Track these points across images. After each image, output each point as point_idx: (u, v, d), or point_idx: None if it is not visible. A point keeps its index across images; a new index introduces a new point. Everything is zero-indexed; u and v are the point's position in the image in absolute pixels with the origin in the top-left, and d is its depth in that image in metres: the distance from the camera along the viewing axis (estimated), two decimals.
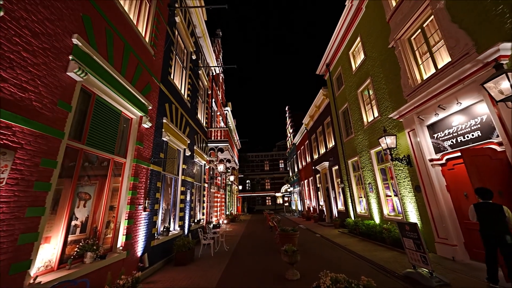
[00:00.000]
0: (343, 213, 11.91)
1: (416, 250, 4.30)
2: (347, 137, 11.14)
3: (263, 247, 8.01)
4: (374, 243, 7.56)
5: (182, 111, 7.82)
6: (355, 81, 9.93)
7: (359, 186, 10.28)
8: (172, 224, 6.88)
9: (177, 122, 7.29)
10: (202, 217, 10.17)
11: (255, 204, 42.73)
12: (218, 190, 14.35)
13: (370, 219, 8.94)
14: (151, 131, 5.45)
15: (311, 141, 17.99)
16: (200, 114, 11.04)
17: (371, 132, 8.72)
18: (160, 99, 6.03)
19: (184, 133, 7.95)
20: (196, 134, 9.57)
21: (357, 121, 9.97)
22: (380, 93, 8.03)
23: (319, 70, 14.14)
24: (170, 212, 6.83)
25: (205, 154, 10.90)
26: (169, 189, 6.88)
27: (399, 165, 7.03)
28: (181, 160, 7.74)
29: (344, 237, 9.13)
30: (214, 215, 13.21)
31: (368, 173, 9.04)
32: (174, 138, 6.77)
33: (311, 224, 14.66)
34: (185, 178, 7.87)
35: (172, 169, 7.02)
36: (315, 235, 10.40)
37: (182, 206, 7.48)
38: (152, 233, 5.28)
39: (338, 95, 12.04)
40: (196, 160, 9.35)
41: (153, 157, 5.46)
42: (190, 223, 8.27)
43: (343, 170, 11.62)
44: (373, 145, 8.58)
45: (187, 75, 8.86)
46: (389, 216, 7.83)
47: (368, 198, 9.14)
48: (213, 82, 13.73)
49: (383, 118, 7.89)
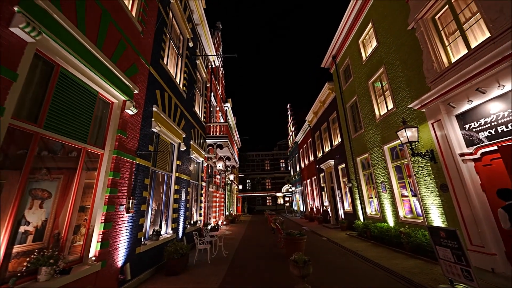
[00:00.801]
0: (350, 215, 11.13)
1: (455, 262, 3.53)
2: (356, 133, 10.37)
3: (266, 252, 7.24)
4: (390, 249, 6.79)
5: (176, 101, 7.06)
6: (366, 71, 9.16)
7: (369, 186, 9.51)
8: (164, 227, 6.11)
9: (171, 112, 6.53)
10: (199, 218, 9.41)
11: (256, 204, 41.95)
12: (217, 190, 13.59)
13: (382, 221, 8.17)
14: (138, 119, 4.68)
15: (315, 138, 17.21)
16: (198, 108, 10.27)
17: (385, 126, 7.95)
18: (150, 85, 5.27)
19: (179, 125, 7.19)
20: (193, 128, 8.81)
21: (367, 115, 9.19)
22: (395, 82, 7.25)
23: (324, 63, 13.37)
24: (162, 213, 6.06)
25: (203, 150, 10.14)
26: (161, 187, 6.12)
27: (419, 161, 6.26)
28: (175, 155, 6.98)
29: (353, 241, 8.36)
30: (213, 216, 12.44)
31: (381, 171, 8.26)
32: (167, 130, 6.01)
33: (315, 225, 13.89)
34: (180, 175, 7.11)
35: (164, 165, 6.26)
36: (321, 238, 9.63)
37: (176, 207, 6.71)
38: (138, 238, 4.52)
39: (345, 88, 11.27)
40: (193, 156, 8.59)
41: (140, 150, 4.70)
42: (186, 225, 7.51)
43: (350, 169, 10.84)
44: (387, 140, 7.80)
45: (183, 63, 8.11)
46: (405, 219, 7.06)
47: (380, 199, 8.36)
48: (212, 75, 12.98)
49: (399, 110, 7.12)
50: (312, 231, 11.80)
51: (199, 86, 10.65)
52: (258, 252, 7.22)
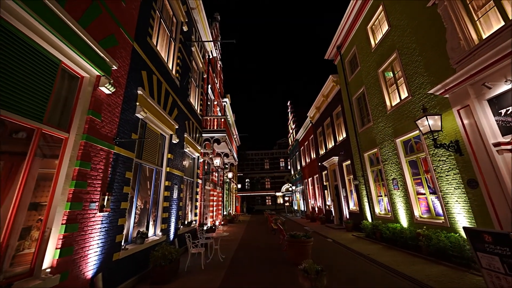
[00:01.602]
0: (356, 214, 10.44)
1: (506, 273, 2.82)
2: (363, 126, 9.67)
3: (266, 256, 6.53)
4: (405, 252, 6.10)
5: (168, 88, 6.33)
6: (375, 59, 8.46)
7: (378, 183, 8.82)
8: (151, 228, 5.39)
9: (160, 98, 5.79)
10: (194, 218, 8.69)
11: (255, 204, 41.24)
12: (215, 188, 12.86)
13: (394, 221, 7.47)
14: (117, 101, 3.95)
15: (317, 135, 16.51)
16: (193, 99, 9.54)
17: (397, 117, 7.25)
18: (134, 63, 4.54)
19: (171, 115, 6.46)
20: (187, 120, 8.08)
21: (376, 106, 8.50)
22: (411, 68, 6.55)
23: (328, 54, 12.67)
24: (149, 212, 5.33)
25: (199, 145, 9.41)
26: (148, 183, 5.39)
27: (440, 154, 5.57)
28: (166, 148, 6.25)
29: (362, 243, 7.66)
30: (210, 216, 11.71)
31: (392, 166, 7.57)
32: (155, 117, 5.28)
33: (318, 226, 13.20)
34: (172, 170, 6.38)
35: (153, 158, 5.53)
36: (326, 239, 8.93)
37: (167, 205, 5.99)
38: (117, 242, 3.79)
39: (351, 79, 10.57)
40: (187, 150, 7.86)
41: (120, 137, 3.97)
42: (178, 225, 6.78)
43: (357, 165, 10.15)
44: (400, 133, 7.11)
45: (176, 48, 7.37)
46: (422, 219, 6.37)
47: (391, 197, 7.67)
48: (210, 66, 12.24)
49: (415, 99, 6.42)
50: (315, 231, 11.09)
51: (195, 76, 9.92)
52: (258, 256, 6.51)
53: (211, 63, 12.91)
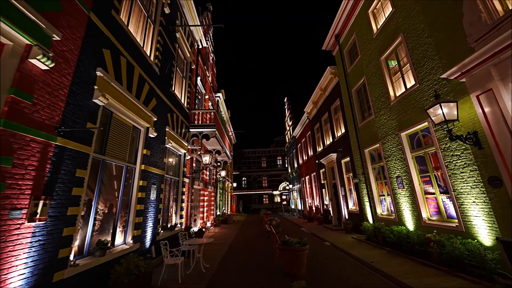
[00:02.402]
0: (356, 215, 9.75)
1: None
2: (363, 120, 8.95)
3: (259, 264, 5.80)
4: (412, 260, 5.40)
5: (143, 74, 5.53)
6: (377, 45, 7.72)
7: (380, 181, 8.11)
8: (120, 235, 4.62)
9: (132, 85, 4.99)
10: (179, 221, 7.92)
11: (252, 203, 40.59)
12: (206, 187, 12.10)
13: (398, 223, 6.78)
14: (63, 81, 3.16)
15: (314, 131, 15.79)
16: (179, 91, 8.73)
17: (402, 108, 6.53)
18: (91, 38, 3.74)
19: (147, 105, 5.66)
20: (170, 113, 7.28)
21: (379, 97, 7.77)
22: (419, 52, 5.82)
23: (326, 45, 11.91)
24: (117, 217, 4.56)
25: (186, 141, 8.63)
26: (115, 182, 4.61)
27: (454, 148, 4.85)
28: (140, 142, 5.47)
29: (363, 248, 6.97)
30: (200, 217, 10.95)
31: (396, 163, 6.86)
32: (124, 107, 4.49)
33: (315, 226, 12.51)
34: (148, 168, 5.60)
35: (122, 154, 4.74)
36: (324, 243, 8.22)
37: (141, 208, 5.21)
38: (59, 258, 3.01)
39: (350, 70, 9.83)
40: (169, 146, 7.07)
41: (67, 126, 3.18)
42: (157, 230, 6.01)
43: (357, 162, 9.44)
44: (405, 126, 6.39)
45: (156, 31, 6.56)
46: (430, 222, 5.67)
47: (395, 197, 6.97)
48: (200, 57, 11.41)
49: (423, 86, 5.70)
50: (312, 233, 10.40)
51: (181, 66, 9.11)
52: (248, 264, 5.78)
53: (201, 53, 12.08)
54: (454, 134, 4.47)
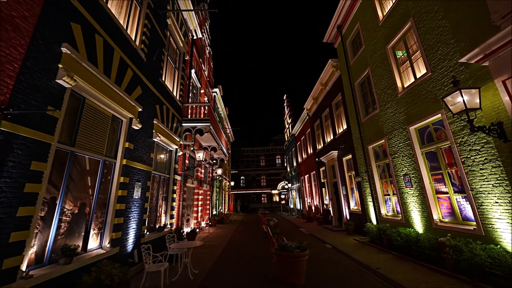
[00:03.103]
0: (358, 215, 9.23)
1: None
2: (367, 115, 8.42)
3: (254, 270, 5.26)
4: (424, 266, 4.87)
5: (125, 57, 4.96)
6: (383, 34, 7.17)
7: (384, 180, 7.59)
8: (94, 238, 4.06)
9: (110, 68, 4.42)
10: (170, 221, 7.37)
11: (250, 202, 40.07)
12: (200, 185, 11.54)
13: (405, 225, 6.26)
14: (5, 48, 2.59)
15: (314, 128, 15.26)
16: (170, 81, 8.16)
17: (411, 100, 5.99)
18: (53, 7, 3.16)
19: (129, 93, 5.09)
20: (159, 104, 6.72)
21: (384, 90, 7.23)
22: (431, 36, 5.28)
23: (327, 37, 11.34)
24: (91, 218, 4.00)
25: (178, 136, 8.07)
26: (89, 178, 4.04)
27: (473, 142, 4.32)
28: (122, 134, 4.91)
29: (367, 251, 6.45)
30: (193, 217, 10.40)
31: (404, 160, 6.33)
32: (100, 92, 3.93)
33: (315, 227, 11.99)
34: (131, 163, 5.04)
35: (98, 146, 4.18)
36: (324, 245, 7.70)
37: (122, 208, 4.65)
38: (3, 270, 2.45)
39: (353, 62, 9.28)
40: (157, 140, 6.51)
41: (15, 107, 2.62)
42: (142, 232, 5.46)
43: (359, 159, 8.91)
44: (415, 119, 5.86)
45: (142, 13, 5.99)
46: (443, 224, 5.15)
47: (402, 196, 6.44)
48: (194, 48, 10.82)
49: (436, 74, 5.16)
50: (312, 234, 9.88)
51: (173, 56, 8.54)
52: (241, 270, 5.24)
53: (196, 45, 11.49)
54: (475, 125, 3.93)
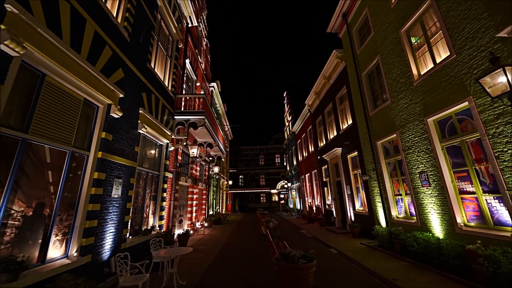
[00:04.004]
0: (364, 217, 8.56)
1: None
2: (376, 108, 7.74)
3: (250, 280, 4.57)
4: (448, 278, 4.19)
5: (101, 32, 4.24)
6: (396, 17, 6.49)
7: (395, 178, 6.91)
8: (56, 246, 3.36)
9: (79, 40, 3.70)
10: (159, 223, 6.67)
11: (249, 202, 39.37)
12: (195, 184, 10.84)
13: (421, 229, 5.59)
14: None
15: (316, 125, 14.58)
16: (160, 69, 7.45)
17: (430, 88, 5.32)
18: None
19: (108, 75, 4.38)
20: (147, 93, 6.01)
21: (397, 79, 6.55)
22: (456, 13, 4.60)
23: (331, 26, 10.65)
24: (53, 221, 3.29)
25: (169, 130, 7.36)
26: (51, 173, 3.34)
27: (510, 132, 3.65)
28: (98, 122, 4.20)
29: (377, 257, 5.77)
30: (187, 218, 9.70)
31: (420, 156, 5.65)
32: (61, 67, 3.22)
33: (316, 228, 11.32)
34: (109, 157, 4.34)
35: (64, 135, 3.47)
36: (329, 250, 7.02)
37: (96, 209, 3.95)
38: None
39: (361, 51, 8.60)
40: (144, 132, 5.81)
41: None
42: (122, 236, 4.76)
43: (366, 157, 8.24)
44: (434, 110, 5.18)
45: None
46: (468, 228, 4.48)
47: (417, 196, 5.77)
48: (189, 37, 10.10)
49: (462, 57, 4.48)
50: (314, 237, 9.20)
51: (165, 43, 7.82)
52: (237, 281, 4.54)
53: (191, 34, 10.76)
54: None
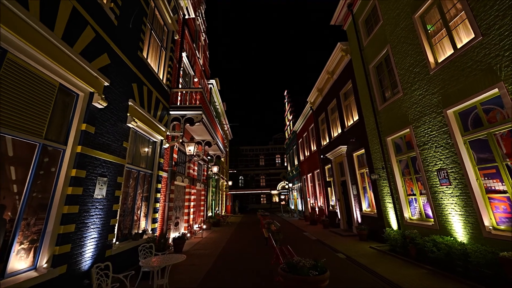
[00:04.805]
0: (372, 219, 8.03)
1: None
2: (385, 102, 7.23)
3: None
4: None
5: (80, 9, 3.73)
6: (408, 1, 5.99)
7: (408, 177, 6.39)
8: (23, 256, 2.83)
9: (51, 16, 3.19)
10: (152, 226, 6.14)
11: (249, 203, 38.83)
12: (193, 184, 10.30)
13: (440, 232, 5.06)
14: None
15: (318, 123, 14.07)
16: (154, 61, 6.94)
17: (450, 76, 4.80)
18: None
19: (90, 59, 3.86)
20: (138, 83, 5.50)
21: (410, 68, 6.04)
22: None
23: (335, 18, 10.16)
24: (17, 226, 2.76)
25: (164, 126, 6.84)
26: (12, 169, 2.81)
27: None
28: (77, 112, 3.68)
29: (390, 263, 5.24)
30: (184, 220, 9.16)
31: (438, 151, 5.13)
32: (25, 42, 2.71)
33: (320, 231, 10.77)
34: (92, 152, 3.82)
35: (32, 125, 2.96)
36: (336, 254, 6.48)
37: (73, 211, 3.42)
38: None
39: (368, 43, 8.10)
40: (134, 126, 5.29)
41: None
42: (107, 242, 4.22)
43: (375, 154, 7.72)
44: (455, 100, 4.67)
45: None
46: (499, 232, 3.95)
47: (435, 196, 5.25)
48: (187, 30, 9.60)
49: (490, 38, 3.97)
50: (319, 240, 8.66)
51: (159, 34, 7.33)
52: None
53: (189, 26, 10.27)
54: None
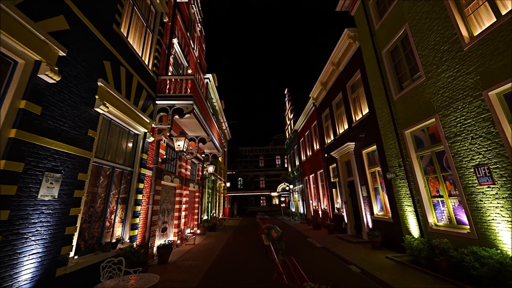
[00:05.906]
0: (387, 224, 7.07)
1: None
2: (402, 90, 6.33)
3: None
4: None
5: None
6: None
7: (433, 176, 5.46)
8: None
9: None
10: (132, 233, 5.18)
11: (248, 205, 37.73)
12: (185, 185, 9.34)
13: (479, 242, 4.12)
14: None
15: (322, 120, 13.16)
16: (137, 41, 6.03)
17: (492, 50, 3.90)
18: None
19: (34, 18, 2.95)
20: (112, 62, 4.58)
21: (436, 47, 5.13)
22: None
23: (341, 4, 9.28)
24: None
25: (148, 117, 5.92)
26: None
27: None
28: (13, 86, 2.76)
29: (416, 280, 4.28)
30: (174, 225, 8.18)
31: (475, 143, 4.21)
32: None
33: (325, 236, 9.79)
34: (35, 139, 2.89)
35: None
36: (348, 266, 5.52)
37: (4, 219, 2.47)
38: None
39: (380, 26, 7.22)
40: (105, 112, 4.36)
41: None
42: (60, 257, 3.26)
43: (389, 150, 6.79)
44: (500, 78, 3.76)
45: None
46: None
47: (471, 198, 4.31)
48: (179, 14, 8.72)
49: None
50: (325, 247, 7.69)
51: (145, 13, 6.45)
52: None
53: (181, 11, 9.39)
54: None
